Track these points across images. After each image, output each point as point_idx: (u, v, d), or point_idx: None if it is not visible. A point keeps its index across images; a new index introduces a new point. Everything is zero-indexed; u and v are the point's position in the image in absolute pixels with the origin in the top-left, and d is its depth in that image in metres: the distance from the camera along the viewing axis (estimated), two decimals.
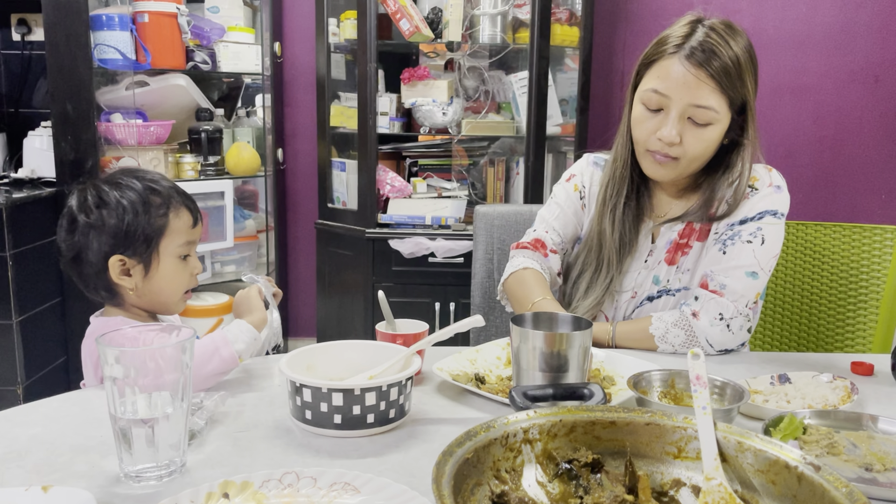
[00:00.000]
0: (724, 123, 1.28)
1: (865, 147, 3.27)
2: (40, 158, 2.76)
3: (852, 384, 1.06)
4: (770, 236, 1.31)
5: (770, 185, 1.35)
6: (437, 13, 2.87)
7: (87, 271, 1.19)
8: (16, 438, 0.90)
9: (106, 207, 1.17)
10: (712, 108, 1.25)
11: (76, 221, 1.17)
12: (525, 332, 1.00)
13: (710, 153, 1.32)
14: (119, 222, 1.16)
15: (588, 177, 1.50)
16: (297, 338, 3.60)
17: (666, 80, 1.26)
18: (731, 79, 1.24)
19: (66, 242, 1.19)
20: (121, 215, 1.16)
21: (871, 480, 0.80)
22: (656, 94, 1.27)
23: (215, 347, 1.09)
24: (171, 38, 2.74)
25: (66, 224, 1.19)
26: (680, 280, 1.37)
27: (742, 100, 1.28)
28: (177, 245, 1.20)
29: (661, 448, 0.74)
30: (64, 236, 1.19)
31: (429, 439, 0.91)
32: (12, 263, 2.40)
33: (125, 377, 0.77)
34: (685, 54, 1.24)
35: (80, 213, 1.17)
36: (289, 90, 3.47)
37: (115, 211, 1.17)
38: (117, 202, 1.17)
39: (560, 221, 1.49)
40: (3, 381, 2.45)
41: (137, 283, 1.18)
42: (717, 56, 1.23)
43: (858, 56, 3.20)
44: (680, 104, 1.25)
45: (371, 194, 2.91)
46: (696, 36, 1.25)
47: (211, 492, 0.73)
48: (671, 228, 1.38)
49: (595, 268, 1.40)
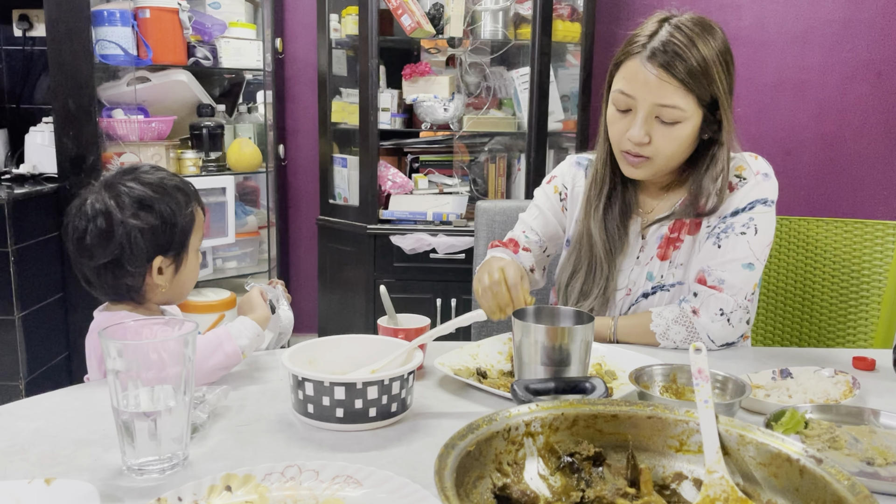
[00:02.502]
0: (694, 121, 1.27)
1: (867, 143, 3.26)
2: (42, 154, 2.77)
3: (854, 379, 1.06)
4: (762, 225, 1.31)
5: (757, 173, 1.34)
6: (438, 9, 2.87)
7: (122, 274, 1.14)
8: (19, 432, 0.90)
9: (148, 209, 1.14)
10: (678, 106, 1.24)
11: (114, 224, 1.12)
12: (527, 326, 1.00)
13: (685, 150, 1.31)
14: (163, 223, 1.14)
15: (570, 178, 1.50)
16: (299, 334, 3.60)
17: (631, 81, 1.26)
18: (696, 77, 1.23)
19: (101, 248, 1.12)
20: (165, 216, 1.14)
21: (873, 475, 0.80)
22: (623, 96, 1.27)
23: (219, 342, 1.09)
24: (173, 33, 2.74)
25: (102, 227, 1.12)
26: (674, 275, 1.36)
27: (712, 96, 1.26)
28: (199, 239, 1.22)
29: (663, 441, 0.74)
30: (97, 241, 1.12)
31: (431, 433, 0.92)
32: (14, 259, 2.40)
33: (128, 370, 0.77)
34: (647, 55, 1.24)
35: (124, 216, 1.12)
36: (290, 86, 3.47)
37: (159, 212, 1.14)
38: (158, 202, 1.14)
39: (538, 222, 1.49)
40: (6, 376, 2.46)
41: (168, 281, 1.19)
42: (678, 56, 1.22)
43: (860, 52, 3.20)
44: (645, 104, 1.25)
45: (372, 190, 2.91)
46: (659, 35, 1.24)
47: (213, 485, 0.74)
48: (661, 225, 1.38)
49: (588, 269, 1.40)
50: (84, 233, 1.13)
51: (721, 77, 1.25)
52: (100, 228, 1.13)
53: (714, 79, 1.24)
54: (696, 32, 1.24)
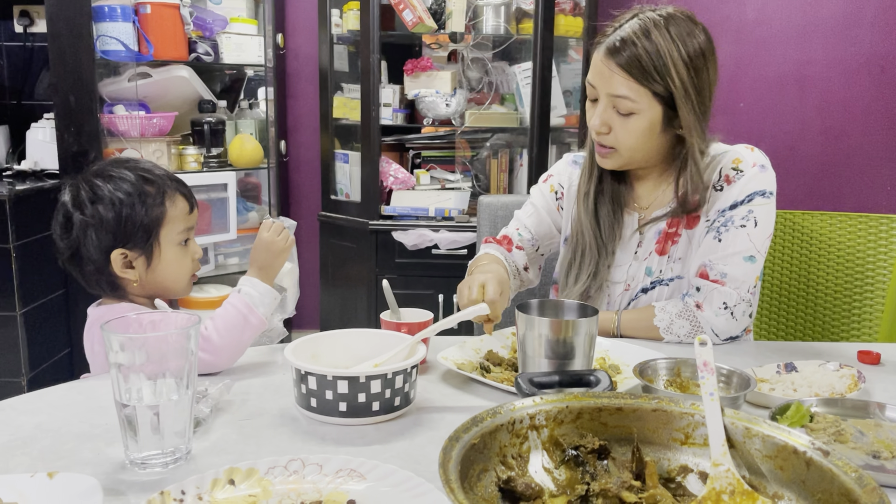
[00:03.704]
0: (650, 114, 1.25)
1: (871, 137, 3.25)
2: (43, 150, 2.76)
3: (859, 372, 1.06)
4: (762, 217, 1.30)
5: (754, 165, 1.32)
6: (440, 4, 2.86)
7: (87, 268, 1.17)
8: (21, 426, 0.90)
9: (101, 202, 1.15)
10: (627, 97, 1.24)
11: (71, 219, 1.15)
12: (531, 320, 0.99)
13: (648, 143, 1.29)
14: (117, 216, 1.15)
15: (566, 177, 1.49)
16: (301, 329, 3.60)
17: (592, 71, 1.29)
18: (645, 70, 1.22)
19: (64, 240, 1.16)
20: (117, 209, 1.15)
21: (879, 468, 0.80)
22: (589, 86, 1.30)
23: (243, 317, 1.10)
24: (174, 29, 2.74)
25: (61, 221, 1.16)
26: (672, 269, 1.36)
27: (668, 91, 1.23)
28: (176, 233, 1.20)
29: (669, 434, 0.74)
30: (60, 233, 1.16)
31: (434, 427, 0.91)
32: (16, 255, 2.40)
33: (130, 364, 0.77)
34: (606, 45, 1.25)
35: (74, 211, 1.15)
36: (291, 82, 3.47)
37: (111, 205, 1.15)
38: (111, 196, 1.15)
39: (533, 220, 1.49)
40: (8, 372, 2.46)
41: (141, 275, 1.18)
42: (627, 47, 1.22)
43: (864, 46, 3.19)
44: (602, 94, 1.27)
45: (374, 186, 2.90)
46: (622, 28, 1.25)
47: (216, 478, 0.73)
48: (658, 220, 1.37)
49: (581, 257, 1.40)
50: (54, 228, 1.18)
51: (680, 74, 1.22)
52: (59, 223, 1.17)
53: (670, 74, 1.22)
54: (656, 24, 1.23)
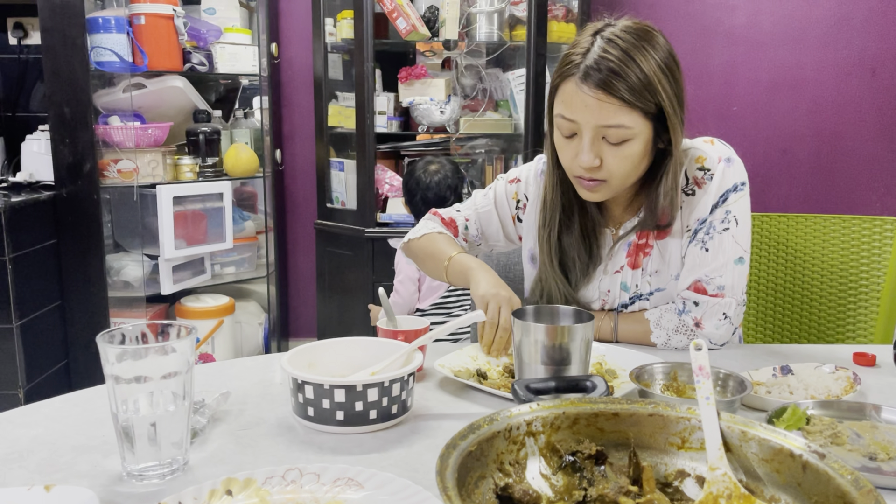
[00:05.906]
0: (643, 136, 1.18)
1: (863, 140, 3.27)
2: (38, 162, 2.76)
3: (855, 374, 1.06)
4: (740, 213, 1.27)
5: (720, 160, 1.28)
6: (433, 11, 2.87)
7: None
8: (17, 439, 0.90)
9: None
10: (623, 125, 1.15)
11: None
12: (527, 326, 0.99)
13: (640, 166, 1.23)
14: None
15: (533, 190, 1.42)
16: (298, 338, 3.60)
17: (569, 104, 1.18)
18: (638, 93, 1.14)
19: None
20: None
21: (876, 469, 0.80)
22: (565, 121, 1.19)
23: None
24: (168, 39, 2.74)
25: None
26: (650, 283, 1.32)
27: (658, 108, 1.17)
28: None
29: (665, 439, 0.74)
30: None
31: (431, 434, 0.91)
32: (12, 267, 2.40)
33: (127, 376, 0.77)
34: (580, 76, 1.15)
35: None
36: (286, 91, 3.47)
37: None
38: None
39: (485, 219, 1.46)
40: (4, 384, 2.45)
41: None
42: (615, 74, 1.13)
43: (855, 49, 3.21)
44: (588, 127, 1.17)
45: (370, 194, 2.91)
46: (592, 52, 1.15)
47: (214, 489, 0.73)
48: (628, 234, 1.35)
49: (549, 285, 1.36)
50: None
51: (665, 87, 1.17)
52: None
53: (657, 90, 1.16)
54: (632, 44, 1.16)
